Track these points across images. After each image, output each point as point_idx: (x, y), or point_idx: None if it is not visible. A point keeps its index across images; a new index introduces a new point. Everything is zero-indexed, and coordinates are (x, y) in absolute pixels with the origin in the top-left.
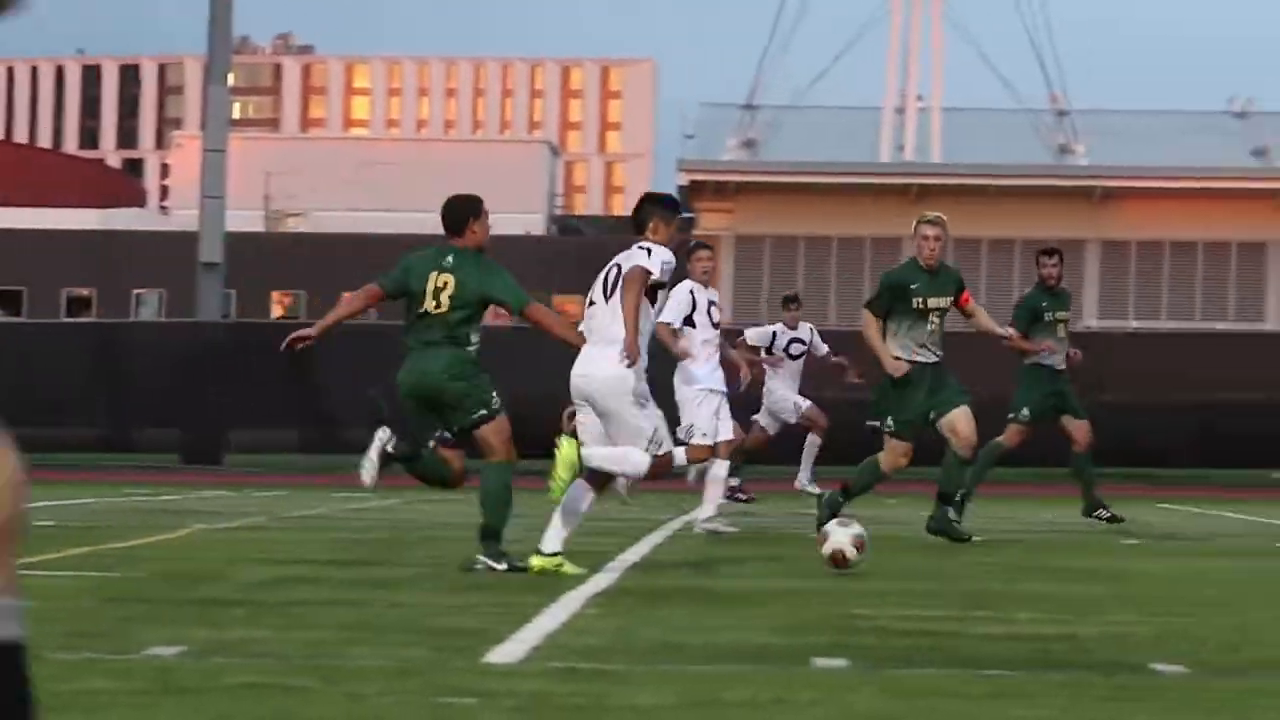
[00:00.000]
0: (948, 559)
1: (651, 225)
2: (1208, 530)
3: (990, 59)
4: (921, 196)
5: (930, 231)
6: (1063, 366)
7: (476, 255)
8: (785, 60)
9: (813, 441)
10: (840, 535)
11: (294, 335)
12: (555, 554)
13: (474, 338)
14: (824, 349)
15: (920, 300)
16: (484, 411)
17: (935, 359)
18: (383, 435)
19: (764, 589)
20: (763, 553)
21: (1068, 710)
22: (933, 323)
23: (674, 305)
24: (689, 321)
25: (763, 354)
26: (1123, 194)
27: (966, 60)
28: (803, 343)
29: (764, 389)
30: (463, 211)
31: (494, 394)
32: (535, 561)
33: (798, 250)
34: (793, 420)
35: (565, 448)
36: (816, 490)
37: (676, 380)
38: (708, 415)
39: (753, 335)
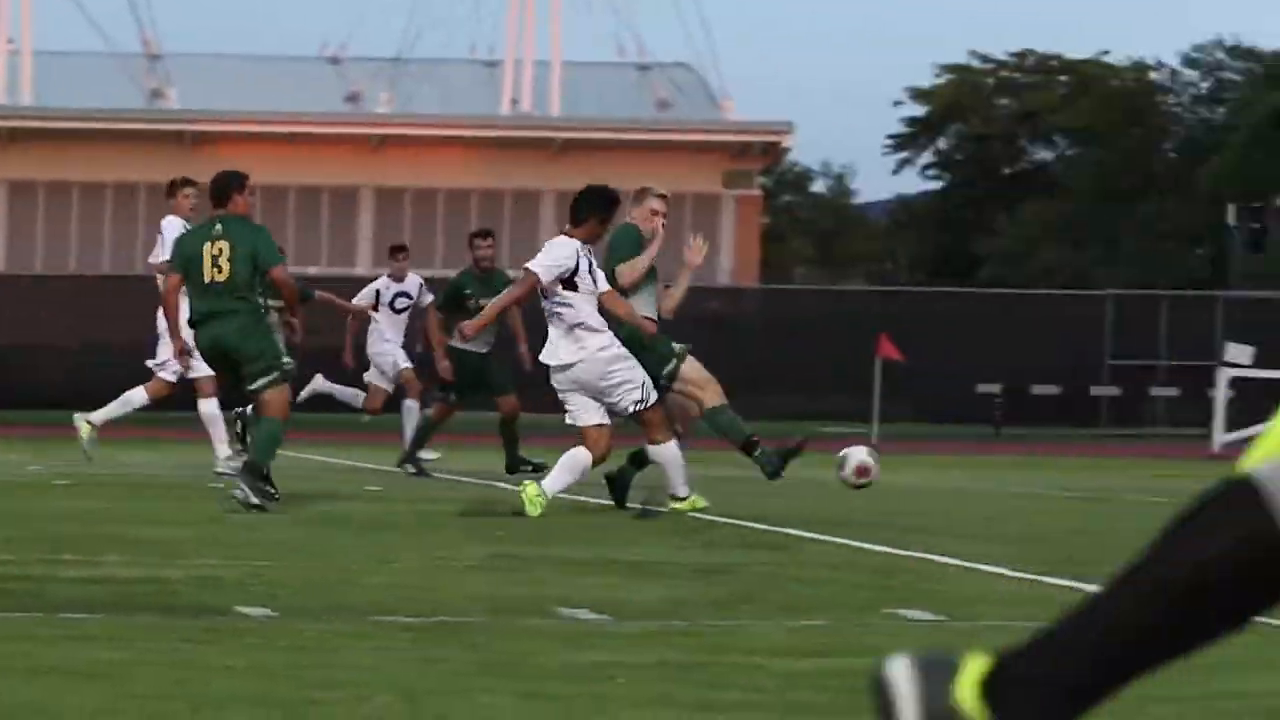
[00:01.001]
0: (35, 502)
1: (583, 217)
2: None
3: (82, 3)
4: (14, 140)
5: (661, 206)
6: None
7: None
8: None
9: (410, 407)
10: (859, 452)
11: None
12: (687, 496)
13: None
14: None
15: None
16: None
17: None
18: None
19: None
20: None
21: (149, 651)
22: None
23: None
24: None
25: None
26: (216, 138)
27: (58, 3)
28: (409, 296)
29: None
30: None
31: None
32: (677, 506)
33: None
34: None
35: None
36: (433, 455)
37: None
38: None
39: (359, 298)
